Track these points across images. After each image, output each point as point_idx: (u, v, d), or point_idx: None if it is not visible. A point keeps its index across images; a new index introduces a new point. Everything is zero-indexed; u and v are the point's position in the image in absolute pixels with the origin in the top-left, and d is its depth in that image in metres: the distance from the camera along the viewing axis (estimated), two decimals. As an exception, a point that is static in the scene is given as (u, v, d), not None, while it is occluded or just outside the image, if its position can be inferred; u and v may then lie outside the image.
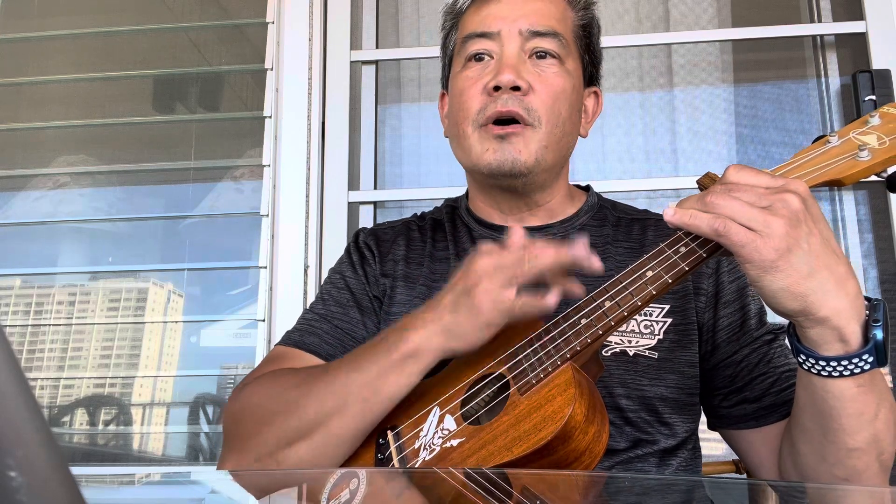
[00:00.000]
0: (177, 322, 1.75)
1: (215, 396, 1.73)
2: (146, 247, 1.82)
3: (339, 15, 1.81)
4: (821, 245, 0.62)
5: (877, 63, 1.63)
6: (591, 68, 1.00)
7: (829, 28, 1.75)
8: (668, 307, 0.88)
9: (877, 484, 0.69)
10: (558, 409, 0.64)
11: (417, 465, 0.71)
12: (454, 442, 0.70)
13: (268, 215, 1.70)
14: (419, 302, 0.88)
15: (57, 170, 1.85)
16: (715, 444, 1.38)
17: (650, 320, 0.87)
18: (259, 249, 1.69)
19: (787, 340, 0.74)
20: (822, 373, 0.65)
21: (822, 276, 0.62)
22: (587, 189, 1.04)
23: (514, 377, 0.71)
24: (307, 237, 1.68)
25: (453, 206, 1.05)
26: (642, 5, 1.88)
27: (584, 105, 0.99)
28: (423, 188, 1.82)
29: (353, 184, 1.77)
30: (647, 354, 0.85)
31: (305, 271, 1.66)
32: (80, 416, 1.74)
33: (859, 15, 1.68)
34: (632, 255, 0.90)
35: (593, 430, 0.65)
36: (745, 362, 0.87)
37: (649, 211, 1.02)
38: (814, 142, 0.73)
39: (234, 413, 0.83)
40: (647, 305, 0.69)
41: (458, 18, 0.99)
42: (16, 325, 1.78)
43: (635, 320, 0.87)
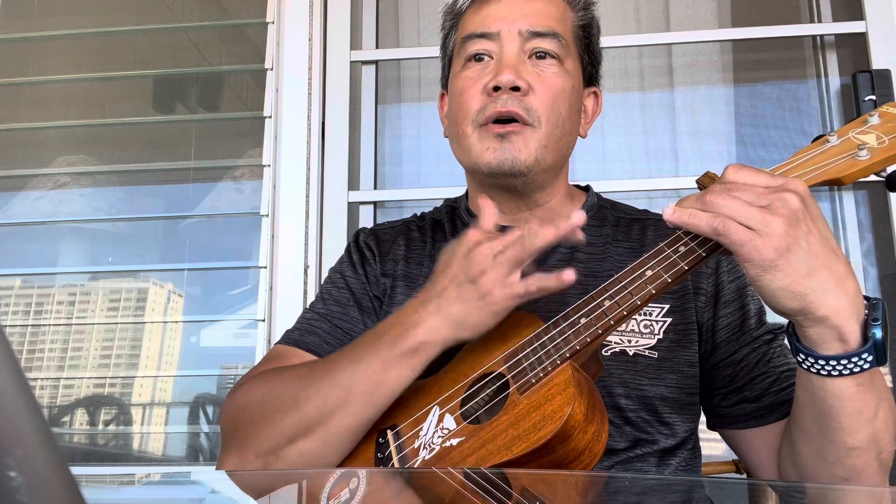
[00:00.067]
0: (177, 322, 1.75)
1: (215, 396, 1.73)
2: (146, 247, 1.82)
3: (339, 15, 1.81)
4: (820, 244, 0.62)
5: (877, 63, 1.63)
6: (591, 69, 1.00)
7: (829, 28, 1.75)
8: (667, 307, 0.88)
9: (876, 483, 0.69)
10: (558, 408, 0.64)
11: (417, 465, 0.71)
12: (454, 441, 0.70)
13: (268, 215, 1.70)
14: None
15: (57, 170, 1.85)
16: (715, 444, 1.38)
17: (650, 320, 0.87)
18: (259, 249, 1.69)
19: (786, 340, 0.74)
20: (822, 372, 0.65)
21: (821, 275, 0.62)
22: (587, 189, 1.04)
23: (513, 376, 0.71)
24: (307, 237, 1.68)
25: (453, 206, 1.05)
26: (642, 5, 1.88)
27: (583, 105, 0.99)
28: (423, 188, 1.82)
29: (353, 184, 1.77)
30: (646, 354, 0.85)
31: (305, 271, 1.66)
32: (80, 416, 1.74)
33: (859, 15, 1.68)
34: (631, 255, 0.90)
35: (593, 429, 0.65)
36: (744, 362, 0.87)
37: (649, 211, 1.02)
38: (813, 141, 0.73)
39: (232, 412, 0.82)
40: (647, 305, 0.69)
41: (457, 19, 0.99)
42: (16, 325, 1.78)
43: (635, 320, 0.87)
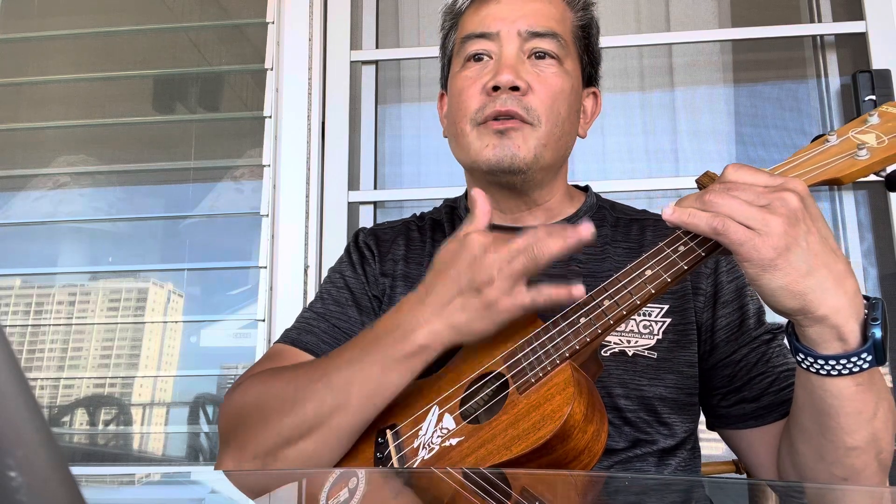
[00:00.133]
0: (177, 322, 1.75)
1: (215, 396, 1.73)
2: (146, 247, 1.82)
3: (339, 15, 1.81)
4: (819, 243, 0.62)
5: (877, 63, 1.63)
6: (590, 69, 1.00)
7: (829, 28, 1.75)
8: (667, 307, 0.88)
9: (875, 483, 0.69)
10: (557, 408, 0.64)
11: (416, 464, 0.71)
12: (453, 441, 0.70)
13: (268, 215, 1.70)
14: None
15: (57, 170, 1.85)
16: (715, 444, 1.38)
17: (649, 320, 0.87)
18: (259, 249, 1.69)
19: (785, 340, 0.74)
20: (821, 372, 0.65)
21: (820, 275, 0.62)
22: (586, 189, 1.04)
23: (512, 376, 0.71)
24: (307, 237, 1.68)
25: (452, 206, 1.05)
26: (642, 5, 1.88)
27: (582, 105, 0.99)
28: (423, 188, 1.82)
29: (353, 184, 1.77)
30: (646, 354, 0.85)
31: (305, 271, 1.66)
32: (80, 416, 1.74)
33: (859, 15, 1.68)
34: (630, 256, 0.90)
35: (592, 429, 0.65)
36: (743, 362, 0.87)
37: (648, 211, 1.02)
38: (812, 141, 0.73)
39: (230, 412, 0.82)
40: (646, 304, 0.69)
41: (457, 19, 0.99)
42: (16, 325, 1.78)
43: (634, 320, 0.87)
